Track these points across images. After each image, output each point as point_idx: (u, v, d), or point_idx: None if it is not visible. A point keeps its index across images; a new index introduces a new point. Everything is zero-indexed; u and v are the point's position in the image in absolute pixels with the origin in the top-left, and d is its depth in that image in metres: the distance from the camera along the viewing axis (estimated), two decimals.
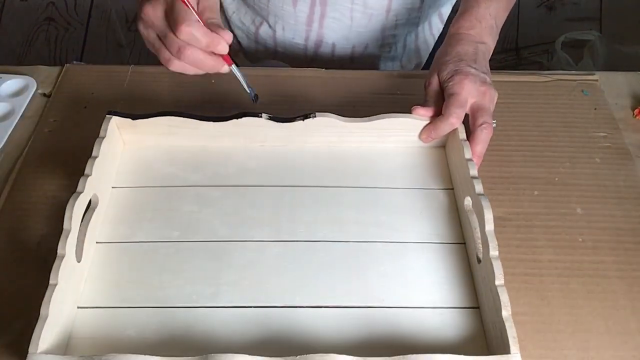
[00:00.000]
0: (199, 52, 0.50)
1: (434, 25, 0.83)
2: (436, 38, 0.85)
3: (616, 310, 0.50)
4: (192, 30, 0.48)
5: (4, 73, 0.67)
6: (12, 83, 0.66)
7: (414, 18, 0.77)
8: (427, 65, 0.86)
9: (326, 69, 0.69)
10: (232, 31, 0.82)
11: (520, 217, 0.56)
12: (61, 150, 0.60)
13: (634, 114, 0.65)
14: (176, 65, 0.52)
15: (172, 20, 0.49)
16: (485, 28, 0.61)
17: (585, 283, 0.51)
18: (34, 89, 0.66)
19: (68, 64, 0.69)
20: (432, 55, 0.85)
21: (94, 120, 0.56)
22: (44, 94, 0.66)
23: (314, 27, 0.75)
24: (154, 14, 0.51)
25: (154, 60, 0.90)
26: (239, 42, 0.83)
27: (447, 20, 0.85)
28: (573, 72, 0.70)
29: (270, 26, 0.77)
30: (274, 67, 0.74)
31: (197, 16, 0.49)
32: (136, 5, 0.52)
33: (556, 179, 0.59)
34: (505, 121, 0.64)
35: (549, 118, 0.64)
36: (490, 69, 0.60)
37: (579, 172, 0.59)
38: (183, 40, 0.49)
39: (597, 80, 0.68)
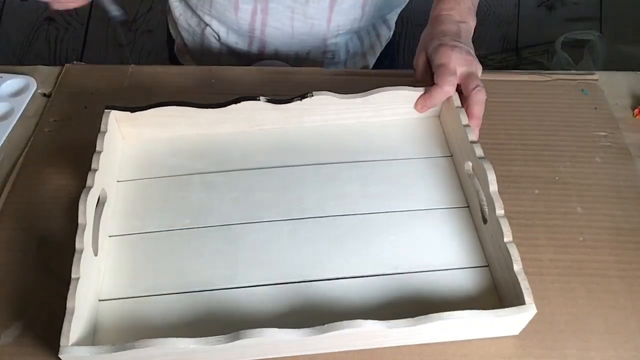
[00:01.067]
0: None
1: (382, 33, 0.84)
2: (384, 45, 0.86)
3: (616, 310, 0.50)
4: None
5: (4, 73, 0.67)
6: (12, 83, 0.66)
7: (356, 28, 0.77)
8: (375, 68, 0.87)
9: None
10: (179, 33, 0.83)
11: (521, 216, 0.56)
12: (61, 151, 0.60)
13: (634, 113, 0.65)
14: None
15: None
16: (464, 9, 0.63)
17: (586, 282, 0.51)
18: (34, 89, 0.66)
19: (68, 64, 0.69)
20: (379, 60, 0.86)
21: (94, 120, 0.55)
22: (44, 94, 0.66)
23: (256, 34, 0.75)
24: None
25: (154, 60, 0.91)
26: (185, 44, 0.83)
27: (395, 28, 0.85)
28: (573, 71, 0.70)
29: (214, 30, 0.78)
30: (273, 67, 0.74)
31: None
32: None
33: (557, 178, 0.59)
34: (506, 120, 0.64)
35: (549, 117, 0.64)
36: (491, 69, 0.60)
37: (579, 172, 0.59)
38: None
39: (597, 80, 0.68)
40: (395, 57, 0.92)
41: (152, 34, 1.63)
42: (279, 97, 0.58)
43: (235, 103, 0.57)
